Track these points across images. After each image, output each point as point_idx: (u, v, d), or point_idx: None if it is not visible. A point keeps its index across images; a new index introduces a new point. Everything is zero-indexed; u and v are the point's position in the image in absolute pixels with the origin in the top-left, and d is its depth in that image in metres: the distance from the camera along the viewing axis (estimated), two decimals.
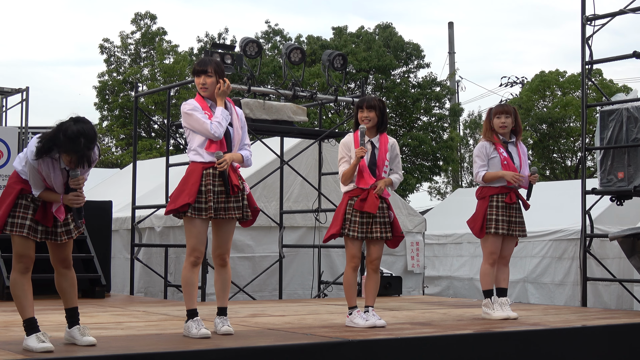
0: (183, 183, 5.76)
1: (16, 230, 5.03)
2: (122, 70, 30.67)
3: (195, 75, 5.87)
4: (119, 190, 14.55)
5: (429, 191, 35.62)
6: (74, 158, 4.91)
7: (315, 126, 20.94)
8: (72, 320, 5.28)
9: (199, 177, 5.71)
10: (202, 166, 5.74)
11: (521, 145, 7.46)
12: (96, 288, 10.23)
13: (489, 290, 7.27)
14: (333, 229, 6.43)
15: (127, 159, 26.30)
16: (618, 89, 29.99)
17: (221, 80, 5.84)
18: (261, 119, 11.01)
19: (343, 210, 6.44)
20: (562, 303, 13.42)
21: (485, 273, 7.25)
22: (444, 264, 16.26)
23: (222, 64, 6.25)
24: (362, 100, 6.57)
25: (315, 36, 28.84)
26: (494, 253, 7.24)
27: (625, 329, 7.15)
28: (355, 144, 6.47)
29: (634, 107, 9.68)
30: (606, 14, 10.45)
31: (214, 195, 5.69)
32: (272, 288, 12.34)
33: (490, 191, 7.26)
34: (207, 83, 5.82)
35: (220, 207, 5.73)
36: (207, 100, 5.86)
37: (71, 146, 4.85)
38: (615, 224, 13.06)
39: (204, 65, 5.86)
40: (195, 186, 5.68)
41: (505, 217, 7.22)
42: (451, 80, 32.43)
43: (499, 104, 7.60)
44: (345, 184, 6.52)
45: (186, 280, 5.74)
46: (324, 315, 7.73)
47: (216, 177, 5.72)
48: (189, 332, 5.61)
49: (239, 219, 5.84)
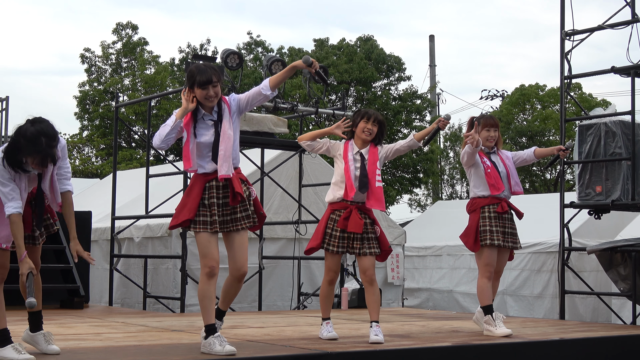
0: (185, 196, 5.54)
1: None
2: (103, 80, 30.59)
3: (199, 87, 5.43)
4: (99, 200, 14.49)
5: (409, 203, 35.69)
6: (37, 159, 4.86)
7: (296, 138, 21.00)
8: (36, 324, 5.25)
9: (200, 190, 5.48)
10: (204, 179, 5.50)
11: (503, 152, 7.40)
12: (75, 299, 10.18)
13: (489, 306, 7.01)
14: (313, 243, 6.37)
15: (107, 169, 26.21)
16: (597, 103, 30.21)
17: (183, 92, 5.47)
18: (242, 131, 10.99)
19: (324, 224, 6.38)
20: (541, 315, 13.47)
21: (483, 288, 7.03)
22: (424, 276, 16.29)
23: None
24: (369, 112, 6.40)
25: (297, 48, 28.90)
26: (490, 265, 7.05)
27: (603, 341, 7.19)
28: (344, 153, 6.35)
29: (612, 122, 9.75)
30: (585, 29, 10.54)
31: (218, 208, 5.47)
32: (251, 299, 12.32)
33: (481, 202, 7.15)
34: (215, 92, 5.47)
35: (228, 219, 5.50)
36: (198, 112, 5.52)
37: (33, 148, 4.82)
38: (594, 237, 13.14)
39: (206, 75, 5.43)
40: (196, 200, 5.46)
41: (499, 228, 7.06)
42: (432, 93, 32.55)
43: (487, 115, 7.51)
44: (300, 140, 6.36)
45: (202, 294, 5.45)
46: (303, 327, 7.73)
47: (220, 189, 5.48)
48: (212, 349, 5.31)
49: (249, 227, 5.57)
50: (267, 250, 12.39)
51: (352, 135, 6.46)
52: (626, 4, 10.36)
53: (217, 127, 5.51)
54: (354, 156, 6.35)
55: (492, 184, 7.12)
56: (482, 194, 7.16)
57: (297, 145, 11.95)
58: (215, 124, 5.52)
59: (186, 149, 5.49)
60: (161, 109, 27.98)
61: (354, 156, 6.35)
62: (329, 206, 6.44)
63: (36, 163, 4.89)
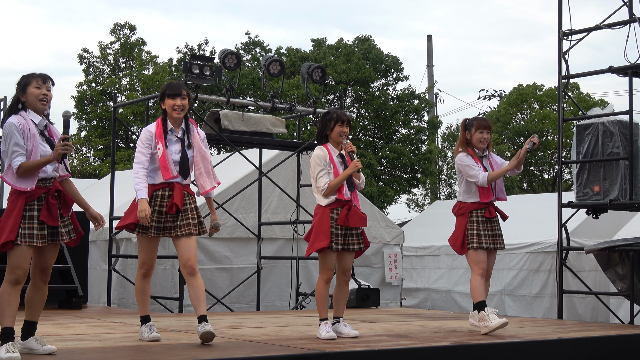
0: (134, 203, 6.10)
1: (25, 241, 5.06)
2: (100, 80, 30.56)
3: (169, 98, 6.20)
4: (97, 200, 14.46)
5: (407, 203, 35.72)
6: (39, 80, 5.26)
7: (294, 138, 21.00)
8: (29, 333, 5.30)
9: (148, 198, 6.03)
10: (152, 188, 6.10)
11: (493, 156, 7.51)
12: (73, 299, 10.18)
13: (482, 301, 7.11)
14: (322, 243, 6.36)
15: (105, 170, 26.20)
16: (595, 103, 30.22)
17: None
18: (240, 131, 11.02)
19: (328, 224, 6.42)
20: (539, 315, 13.48)
21: (476, 285, 7.15)
22: (422, 276, 16.29)
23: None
24: (342, 115, 6.54)
25: (295, 48, 28.89)
26: (482, 262, 7.17)
27: (601, 341, 7.20)
28: (330, 156, 6.50)
29: (610, 122, 9.76)
30: (582, 29, 10.55)
31: (158, 215, 6.04)
32: (249, 299, 12.33)
33: (469, 207, 7.27)
34: (183, 105, 6.20)
35: (167, 226, 6.06)
36: (167, 125, 6.19)
37: (27, 75, 5.27)
38: (592, 237, 13.15)
39: (177, 89, 6.21)
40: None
41: (488, 232, 7.22)
42: (429, 93, 32.56)
43: (480, 117, 7.58)
44: (327, 197, 6.47)
45: (138, 290, 6.24)
46: (301, 327, 7.74)
47: (164, 198, 6.05)
48: (142, 336, 6.13)
49: (188, 234, 6.01)
50: (265, 251, 12.39)
51: (327, 139, 6.60)
52: (623, 4, 10.36)
53: (183, 143, 6.17)
54: (337, 159, 6.53)
55: (482, 192, 7.30)
56: (472, 200, 7.31)
57: (295, 145, 11.98)
58: (181, 140, 6.18)
59: (163, 159, 6.06)
60: (159, 109, 27.91)
61: (337, 159, 6.53)
62: (326, 207, 6.48)
63: (40, 84, 5.25)
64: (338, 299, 6.65)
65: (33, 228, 5.11)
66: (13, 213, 5.09)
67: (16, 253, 5.08)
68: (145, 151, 6.07)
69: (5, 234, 5.04)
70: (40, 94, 5.25)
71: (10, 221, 5.07)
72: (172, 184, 6.07)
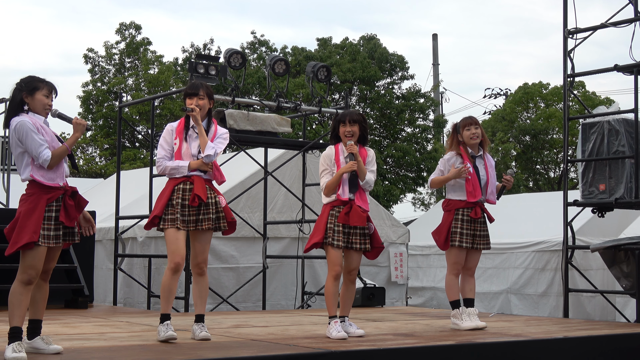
0: (158, 199, 6.21)
1: (45, 242, 5.10)
2: (106, 80, 30.60)
3: (187, 97, 6.29)
4: (103, 200, 14.51)
5: (413, 202, 35.65)
6: (47, 89, 5.31)
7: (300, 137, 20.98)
8: (34, 332, 5.31)
9: (169, 191, 6.11)
10: (174, 182, 6.14)
11: (488, 158, 7.58)
12: (79, 298, 10.19)
13: (456, 300, 7.41)
14: (315, 238, 6.46)
15: (111, 169, 26.24)
16: (601, 101, 30.15)
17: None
18: (245, 130, 11.02)
19: (325, 220, 6.48)
20: (545, 314, 13.46)
21: (451, 284, 7.42)
22: (428, 275, 16.28)
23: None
24: (344, 115, 6.63)
25: (300, 47, 28.89)
26: (458, 263, 7.40)
27: (606, 340, 7.20)
28: (336, 156, 6.54)
29: (615, 120, 9.75)
30: (588, 28, 10.54)
31: (182, 208, 6.06)
32: (255, 299, 12.33)
33: (456, 205, 7.43)
34: (199, 104, 6.23)
35: (191, 219, 6.10)
36: (189, 122, 6.24)
37: (37, 79, 5.30)
38: (597, 235, 13.13)
39: (194, 88, 6.28)
40: (164, 200, 6.10)
41: (469, 231, 7.38)
42: (435, 92, 32.54)
43: (464, 117, 7.69)
44: (327, 196, 6.55)
45: (165, 286, 6.12)
46: (307, 326, 7.74)
47: (186, 191, 6.09)
48: (159, 335, 6.03)
49: (212, 229, 6.16)
50: (271, 250, 12.40)
51: (339, 140, 6.67)
52: (629, 2, 10.35)
53: None
54: (345, 159, 6.55)
55: (469, 191, 7.45)
56: (459, 198, 7.47)
57: (300, 144, 11.98)
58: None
59: (178, 154, 6.19)
60: (165, 108, 27.99)
61: (345, 159, 6.55)
62: (326, 205, 6.57)
63: (46, 91, 5.29)
64: (344, 298, 6.67)
65: (51, 229, 5.15)
66: (35, 214, 5.10)
67: (33, 253, 5.09)
68: (166, 147, 6.25)
69: (28, 234, 5.05)
70: (47, 104, 5.32)
71: (31, 222, 5.08)
72: (192, 178, 6.13)
